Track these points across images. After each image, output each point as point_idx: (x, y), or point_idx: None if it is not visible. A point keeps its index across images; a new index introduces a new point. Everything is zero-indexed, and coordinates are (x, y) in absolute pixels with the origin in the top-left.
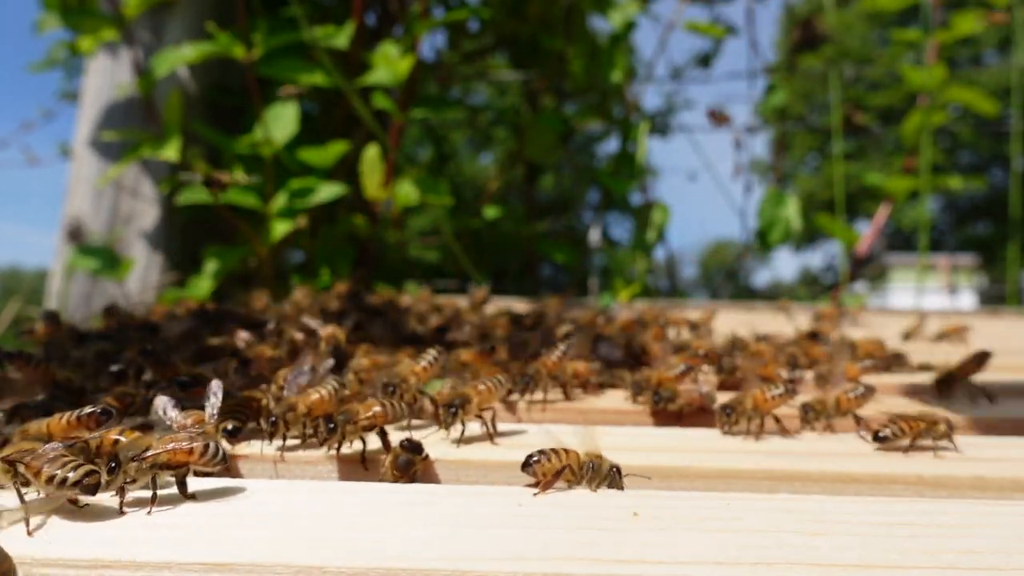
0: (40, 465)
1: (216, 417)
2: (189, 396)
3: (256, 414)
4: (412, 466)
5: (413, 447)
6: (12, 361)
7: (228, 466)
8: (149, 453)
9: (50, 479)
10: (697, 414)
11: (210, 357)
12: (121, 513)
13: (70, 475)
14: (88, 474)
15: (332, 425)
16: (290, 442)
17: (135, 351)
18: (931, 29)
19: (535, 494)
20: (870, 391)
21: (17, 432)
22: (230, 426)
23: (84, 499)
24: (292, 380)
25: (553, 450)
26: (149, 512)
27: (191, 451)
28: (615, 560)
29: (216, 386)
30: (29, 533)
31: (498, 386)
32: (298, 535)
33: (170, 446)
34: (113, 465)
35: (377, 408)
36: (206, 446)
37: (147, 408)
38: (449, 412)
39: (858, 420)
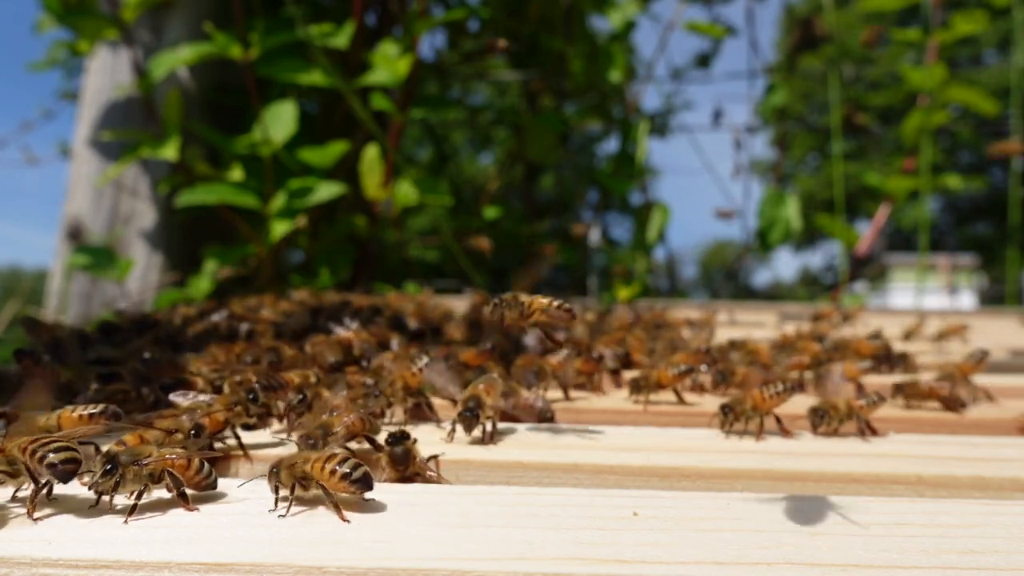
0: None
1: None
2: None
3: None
4: (409, 455)
5: (398, 438)
6: (22, 359)
7: (215, 487)
8: (148, 461)
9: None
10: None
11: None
12: (112, 510)
13: (51, 456)
14: (68, 461)
15: (311, 440)
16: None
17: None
18: (931, 29)
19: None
20: (881, 398)
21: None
22: (255, 394)
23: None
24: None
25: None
26: (126, 521)
27: (187, 465)
28: (615, 560)
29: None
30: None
31: (497, 384)
32: (298, 535)
33: (168, 457)
34: (110, 467)
35: (349, 418)
36: (201, 463)
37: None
38: (472, 415)
39: (863, 424)
